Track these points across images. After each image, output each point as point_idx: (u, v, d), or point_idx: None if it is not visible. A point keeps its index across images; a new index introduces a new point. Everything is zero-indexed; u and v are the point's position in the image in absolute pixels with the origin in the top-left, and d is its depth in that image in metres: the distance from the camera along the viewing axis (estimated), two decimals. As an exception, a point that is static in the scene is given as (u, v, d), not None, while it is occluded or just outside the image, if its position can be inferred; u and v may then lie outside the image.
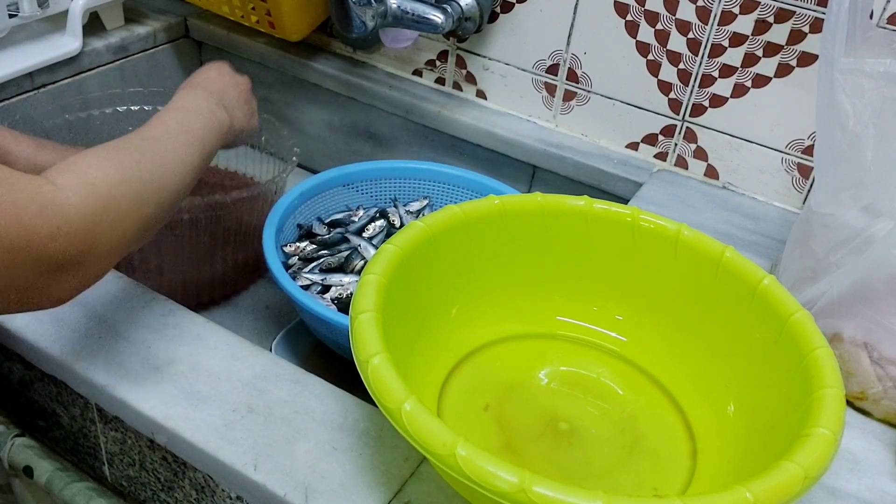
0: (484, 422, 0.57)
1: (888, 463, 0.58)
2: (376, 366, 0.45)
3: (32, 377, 0.66)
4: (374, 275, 0.52)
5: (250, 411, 0.56)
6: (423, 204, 0.86)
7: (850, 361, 0.61)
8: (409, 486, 0.52)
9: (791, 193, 0.84)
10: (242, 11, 0.98)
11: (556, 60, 0.90)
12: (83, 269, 0.46)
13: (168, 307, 0.64)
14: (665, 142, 0.88)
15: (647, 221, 0.60)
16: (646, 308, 0.63)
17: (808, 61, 0.77)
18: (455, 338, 0.62)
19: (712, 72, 0.82)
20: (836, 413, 0.46)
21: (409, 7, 0.87)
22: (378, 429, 0.56)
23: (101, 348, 0.60)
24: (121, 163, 0.50)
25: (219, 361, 0.59)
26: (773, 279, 0.55)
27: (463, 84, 0.98)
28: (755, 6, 0.77)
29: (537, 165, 0.92)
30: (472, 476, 0.40)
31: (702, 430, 0.57)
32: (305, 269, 0.78)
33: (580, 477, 0.54)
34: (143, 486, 0.64)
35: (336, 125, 1.06)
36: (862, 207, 0.59)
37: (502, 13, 0.90)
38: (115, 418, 0.60)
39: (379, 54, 1.02)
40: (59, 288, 0.45)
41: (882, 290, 0.57)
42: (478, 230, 0.60)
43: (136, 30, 1.02)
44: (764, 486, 0.41)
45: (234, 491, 0.55)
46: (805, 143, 0.81)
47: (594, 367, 0.63)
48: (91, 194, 0.46)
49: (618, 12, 0.84)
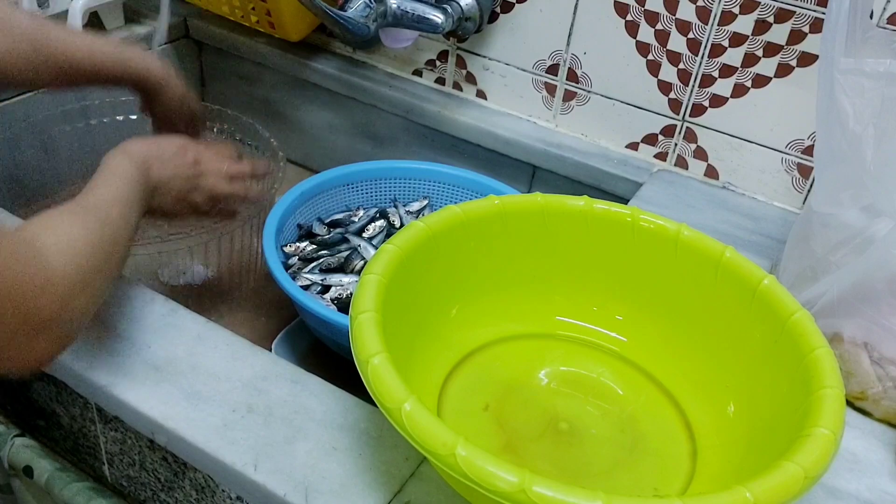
0: (484, 422, 0.57)
1: (888, 463, 0.58)
2: (376, 366, 0.45)
3: (32, 377, 0.66)
4: (374, 275, 0.52)
5: (250, 411, 0.56)
6: (423, 204, 0.86)
7: (850, 361, 0.61)
8: (409, 486, 0.52)
9: (791, 193, 0.84)
10: (242, 11, 0.98)
11: (556, 60, 0.90)
12: (61, 331, 0.47)
13: (168, 307, 0.64)
14: (665, 142, 0.88)
15: (647, 221, 0.60)
16: (646, 308, 0.63)
17: (808, 61, 0.77)
18: (455, 338, 0.62)
19: (712, 72, 0.82)
20: (836, 413, 0.46)
21: (409, 7, 0.87)
22: (378, 429, 0.56)
23: (101, 348, 0.59)
24: (88, 229, 0.50)
25: (219, 361, 0.59)
26: (773, 279, 0.55)
27: (463, 84, 0.98)
28: (755, 6, 0.77)
29: (537, 165, 0.92)
30: (472, 476, 0.40)
31: (702, 430, 0.57)
32: (305, 269, 0.78)
33: (580, 477, 0.54)
34: (143, 486, 0.64)
35: (336, 125, 1.06)
36: (862, 207, 0.59)
37: (502, 13, 0.90)
38: (115, 418, 0.60)
39: (379, 54, 1.02)
40: (38, 350, 0.46)
41: (882, 290, 0.57)
42: (478, 230, 0.60)
43: (136, 30, 1.02)
44: (764, 486, 0.41)
45: (234, 491, 0.55)
46: (805, 143, 0.81)
47: (594, 367, 0.63)
48: (69, 258, 0.47)
49: (618, 12, 0.84)
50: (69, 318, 0.47)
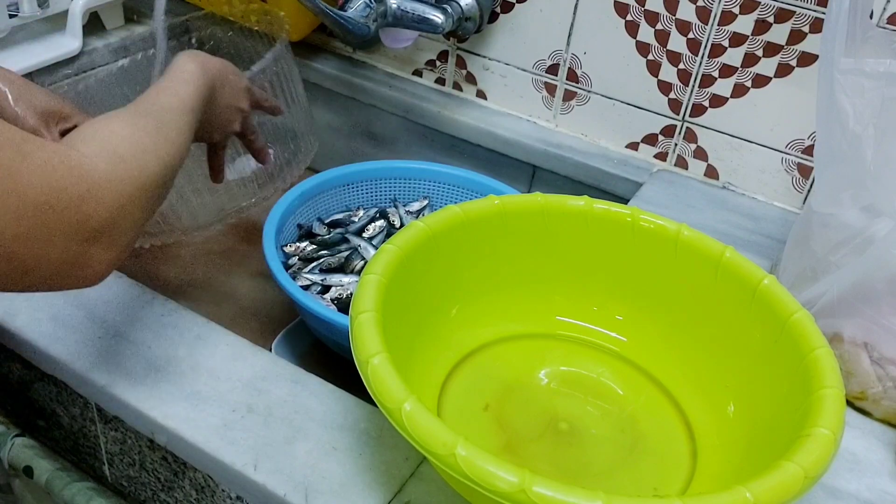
0: (484, 422, 0.57)
1: (888, 463, 0.58)
2: (376, 366, 0.45)
3: (32, 377, 0.66)
4: (374, 275, 0.52)
5: (250, 411, 0.56)
6: (423, 204, 0.86)
7: (850, 361, 0.61)
8: (409, 486, 0.52)
9: (791, 193, 0.84)
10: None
11: (556, 60, 0.90)
12: (114, 239, 0.45)
13: (168, 307, 0.64)
14: (665, 142, 0.88)
15: (647, 221, 0.60)
16: (646, 308, 0.63)
17: (808, 61, 0.77)
18: (455, 338, 0.62)
19: (712, 72, 0.82)
20: (836, 413, 0.46)
21: (409, 7, 0.87)
22: (378, 429, 0.56)
23: (100, 348, 0.60)
24: (143, 130, 0.49)
25: (219, 361, 0.59)
26: (773, 279, 0.55)
27: (463, 84, 0.98)
28: (755, 6, 0.77)
29: (537, 165, 0.92)
30: (472, 476, 0.40)
31: (702, 430, 0.57)
32: (305, 269, 0.78)
33: (580, 477, 0.54)
34: (143, 486, 0.64)
35: (336, 125, 1.06)
36: (862, 207, 0.59)
37: (502, 13, 0.90)
38: (115, 418, 0.60)
39: (379, 54, 1.02)
40: (94, 260, 0.44)
41: (882, 290, 0.57)
42: (478, 230, 0.60)
43: (136, 30, 1.02)
44: (764, 486, 0.41)
45: (234, 491, 0.55)
46: (805, 143, 0.81)
47: (594, 367, 0.63)
48: (118, 162, 0.45)
49: (618, 12, 0.84)
50: (123, 225, 0.45)
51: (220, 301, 0.86)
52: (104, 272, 0.46)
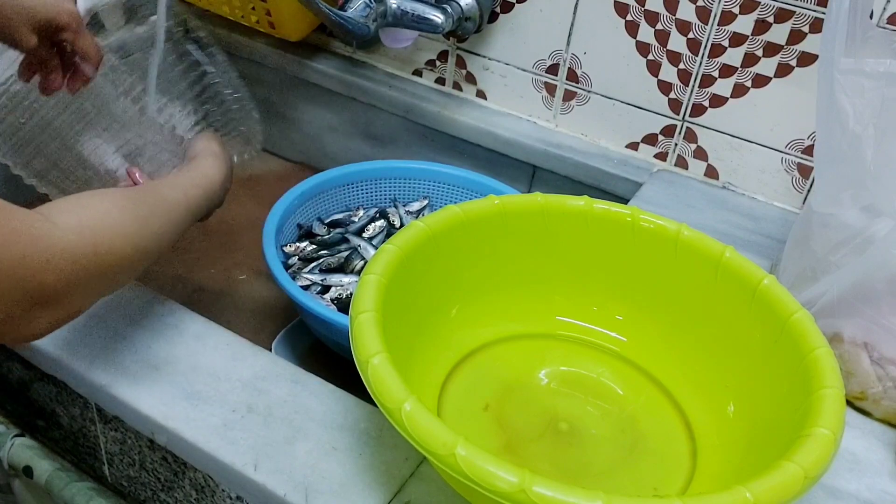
0: (484, 422, 0.57)
1: (888, 463, 0.58)
2: (376, 366, 0.45)
3: (32, 377, 0.66)
4: (374, 275, 0.52)
5: (250, 411, 0.56)
6: (423, 204, 0.86)
7: (850, 361, 0.61)
8: (409, 486, 0.52)
9: (791, 193, 0.84)
10: (242, 11, 0.98)
11: (556, 60, 0.90)
12: (64, 307, 0.46)
13: (168, 307, 0.64)
14: (665, 142, 0.88)
15: (647, 221, 0.60)
16: (646, 308, 0.63)
17: (808, 61, 0.77)
18: (455, 338, 0.62)
19: (712, 72, 0.82)
20: (836, 413, 0.46)
21: (409, 7, 0.87)
22: (378, 429, 0.56)
23: (101, 348, 0.60)
24: (131, 214, 0.50)
25: (219, 361, 0.59)
26: (773, 279, 0.55)
27: (463, 84, 0.98)
28: (755, 6, 0.77)
29: (537, 165, 0.92)
30: (472, 476, 0.40)
31: (702, 430, 0.57)
32: (305, 269, 0.78)
33: (580, 477, 0.54)
34: (143, 486, 0.64)
35: (336, 125, 1.06)
36: (862, 207, 0.59)
37: (502, 13, 0.90)
38: (114, 418, 0.60)
39: (379, 54, 1.02)
40: (37, 322, 0.45)
41: (882, 290, 0.57)
42: (478, 230, 0.60)
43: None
44: (764, 486, 0.41)
45: (234, 491, 0.55)
46: (805, 143, 0.81)
47: (594, 367, 0.63)
48: (88, 237, 0.46)
49: (618, 12, 0.84)
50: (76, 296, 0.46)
51: (219, 301, 0.86)
52: (45, 332, 0.47)
